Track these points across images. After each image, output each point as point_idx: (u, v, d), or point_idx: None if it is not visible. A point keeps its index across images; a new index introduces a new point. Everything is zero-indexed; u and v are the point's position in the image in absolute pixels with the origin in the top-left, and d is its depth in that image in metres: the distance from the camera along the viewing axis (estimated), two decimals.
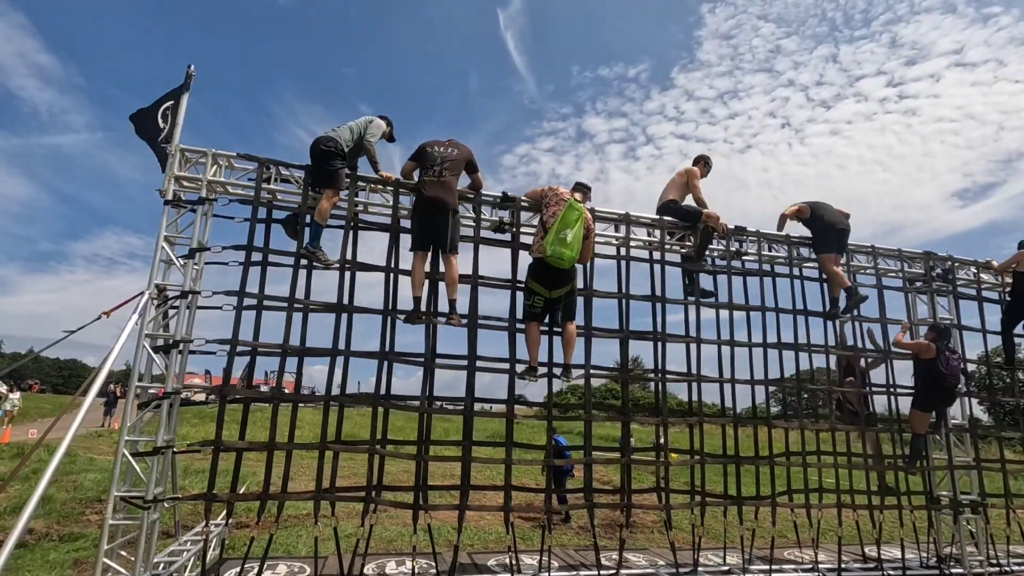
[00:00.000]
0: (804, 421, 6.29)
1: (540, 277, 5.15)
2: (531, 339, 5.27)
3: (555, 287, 5.14)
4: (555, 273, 5.07)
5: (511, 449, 5.26)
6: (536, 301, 5.21)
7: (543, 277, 5.13)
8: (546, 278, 5.12)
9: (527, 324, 5.31)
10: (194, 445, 4.71)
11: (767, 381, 6.14)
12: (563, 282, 5.14)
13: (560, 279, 5.11)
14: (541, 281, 5.15)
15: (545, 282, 5.13)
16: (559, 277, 5.10)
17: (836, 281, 6.41)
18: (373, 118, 5.33)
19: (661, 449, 5.92)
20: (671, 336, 6.03)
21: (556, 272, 5.06)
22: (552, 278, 5.10)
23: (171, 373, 4.58)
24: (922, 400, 6.33)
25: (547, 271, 5.08)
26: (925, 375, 6.27)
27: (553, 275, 5.08)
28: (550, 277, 5.10)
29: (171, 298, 4.79)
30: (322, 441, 4.77)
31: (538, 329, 5.32)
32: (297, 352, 4.96)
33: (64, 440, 3.92)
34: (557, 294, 5.18)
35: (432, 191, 4.99)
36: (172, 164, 4.92)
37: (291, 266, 5.01)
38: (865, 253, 6.94)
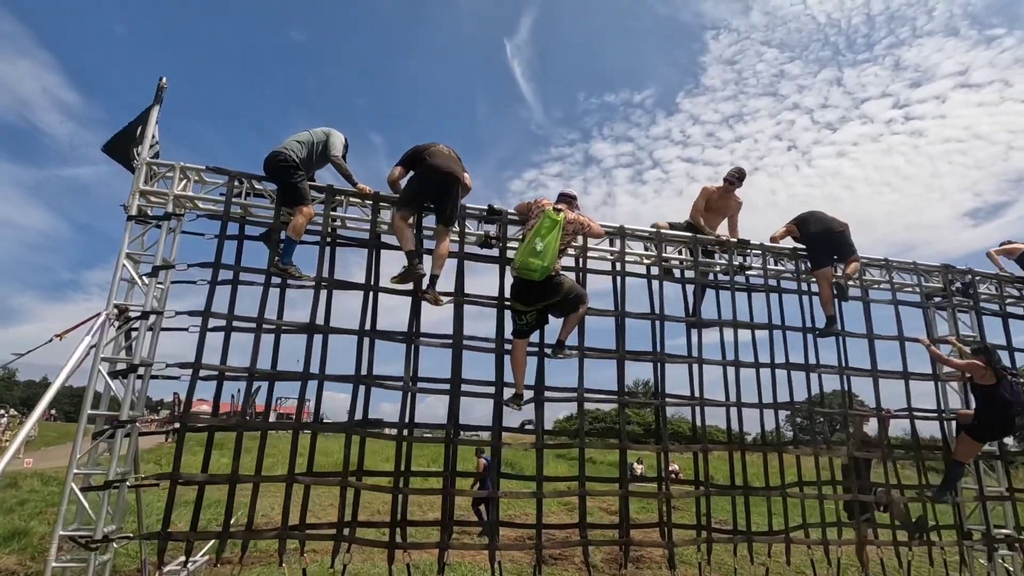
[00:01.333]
0: (819, 447, 5.81)
1: (517, 294, 4.84)
2: (516, 360, 4.91)
3: (535, 301, 4.78)
4: (529, 287, 4.69)
5: (497, 481, 4.85)
6: (528, 319, 4.88)
7: (519, 293, 4.81)
8: (523, 294, 4.78)
9: (514, 343, 4.96)
10: (148, 478, 4.35)
11: (776, 404, 5.70)
12: (545, 295, 4.74)
13: (538, 293, 4.71)
14: (519, 298, 4.83)
15: (523, 298, 4.80)
16: (535, 291, 4.70)
17: (823, 300, 6.01)
18: (330, 131, 5.06)
19: (663, 479, 5.45)
20: (672, 356, 5.64)
21: (529, 285, 4.67)
22: (529, 292, 4.73)
23: (127, 399, 4.25)
24: (979, 428, 5.63)
25: (520, 286, 4.76)
26: (988, 403, 5.55)
27: (529, 289, 4.71)
28: (527, 292, 4.74)
29: (132, 319, 4.49)
30: (289, 473, 4.40)
31: (524, 350, 4.95)
32: (266, 376, 4.63)
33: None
34: (543, 304, 4.84)
35: (441, 160, 4.81)
36: (138, 178, 4.68)
37: (262, 284, 4.71)
38: (879, 267, 6.54)
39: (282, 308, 4.82)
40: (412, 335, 4.89)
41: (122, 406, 4.23)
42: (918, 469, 6.03)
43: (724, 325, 5.76)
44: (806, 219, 6.23)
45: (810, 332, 5.97)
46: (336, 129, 5.09)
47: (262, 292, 4.67)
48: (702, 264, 5.90)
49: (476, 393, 5.04)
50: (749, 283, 6.10)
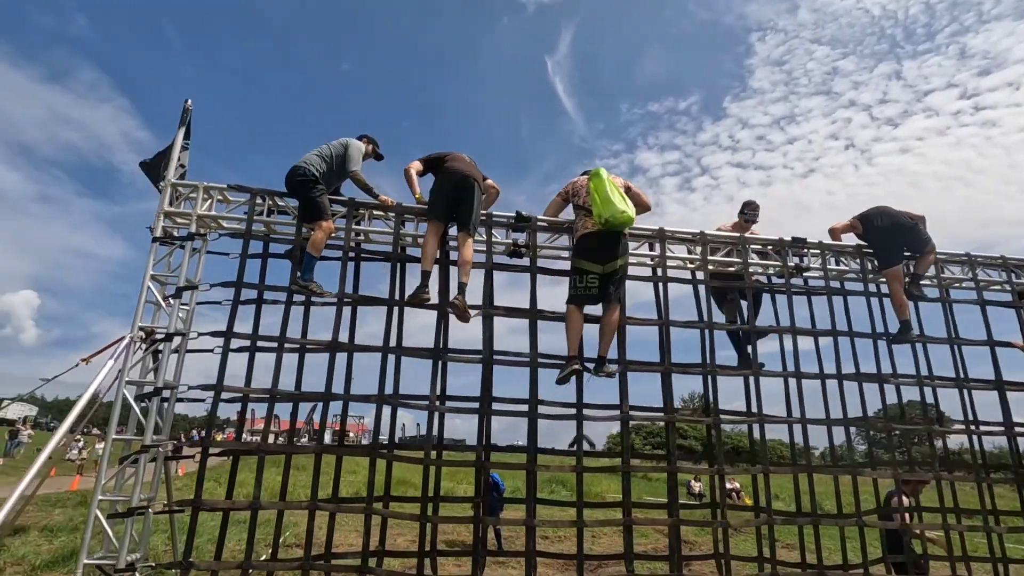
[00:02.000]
0: (898, 469, 5.12)
1: (591, 252, 4.58)
2: (572, 325, 4.64)
3: (609, 259, 4.54)
4: (606, 240, 4.53)
5: (534, 508, 4.48)
6: (590, 281, 4.59)
7: (595, 250, 4.56)
8: (599, 251, 4.55)
9: (571, 308, 4.68)
10: (170, 505, 4.23)
11: (847, 420, 5.07)
12: (619, 252, 4.56)
13: (611, 249, 4.54)
14: (593, 256, 4.57)
15: (598, 255, 4.55)
16: (610, 246, 4.54)
17: (895, 303, 5.37)
18: (348, 141, 4.92)
19: (719, 505, 4.91)
20: (724, 368, 5.14)
21: (611, 238, 4.53)
22: (607, 248, 4.54)
23: (151, 423, 4.16)
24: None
25: (601, 241, 4.54)
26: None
27: (608, 243, 4.54)
28: (605, 247, 4.54)
29: (156, 341, 4.44)
30: (312, 499, 4.18)
31: (580, 316, 4.69)
32: (289, 397, 4.46)
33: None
34: (611, 268, 4.56)
35: (459, 164, 4.75)
36: (163, 199, 4.67)
37: (284, 302, 4.58)
38: (960, 263, 5.81)
39: (306, 326, 4.67)
40: (439, 351, 4.63)
41: (145, 430, 4.15)
42: (1020, 494, 5.22)
43: (782, 332, 5.21)
44: (871, 215, 5.62)
45: (881, 338, 5.32)
46: (354, 139, 4.96)
47: (284, 310, 4.54)
48: (753, 267, 5.39)
49: (509, 412, 4.72)
50: (808, 286, 5.53)
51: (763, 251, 5.53)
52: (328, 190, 4.86)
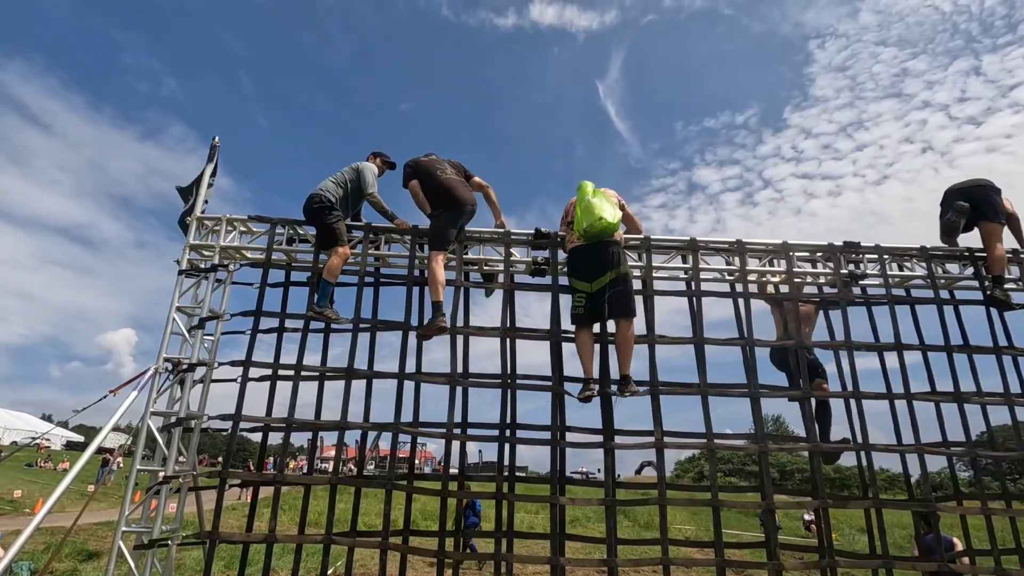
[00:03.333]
0: (988, 503, 4.38)
1: (577, 268, 4.44)
2: (582, 347, 4.40)
3: (596, 275, 4.31)
4: (594, 254, 4.31)
5: (561, 543, 4.15)
6: (578, 300, 4.41)
7: (581, 267, 4.41)
8: (584, 267, 4.37)
9: (576, 331, 4.46)
10: (189, 537, 4.22)
11: (920, 447, 4.44)
12: (605, 266, 4.29)
13: (601, 262, 4.29)
14: (579, 272, 4.42)
15: (584, 272, 4.38)
16: (599, 259, 4.30)
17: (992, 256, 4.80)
18: (359, 166, 4.91)
19: (772, 544, 4.37)
20: (769, 388, 4.66)
21: (595, 251, 4.30)
22: (592, 263, 4.32)
23: (172, 454, 4.20)
24: None
25: (584, 256, 4.37)
26: None
27: (592, 258, 4.32)
28: (589, 262, 4.34)
29: (181, 371, 4.51)
30: (327, 533, 4.05)
31: (589, 336, 4.44)
32: (307, 426, 4.40)
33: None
34: (600, 284, 4.32)
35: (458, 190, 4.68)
36: (189, 233, 4.81)
37: (302, 330, 4.57)
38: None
39: (325, 353, 4.64)
40: (455, 376, 4.45)
41: (168, 461, 4.19)
42: None
43: (838, 348, 4.67)
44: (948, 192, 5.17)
45: (957, 351, 4.67)
46: (364, 161, 4.98)
47: (301, 338, 4.52)
48: (797, 276, 4.91)
49: (533, 440, 4.45)
50: (867, 295, 4.96)
51: (812, 259, 5.04)
52: (346, 216, 4.87)
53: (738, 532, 14.93)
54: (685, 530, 13.99)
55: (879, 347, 4.70)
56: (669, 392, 4.50)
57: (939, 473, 11.23)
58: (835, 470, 30.22)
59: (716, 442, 4.44)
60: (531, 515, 14.40)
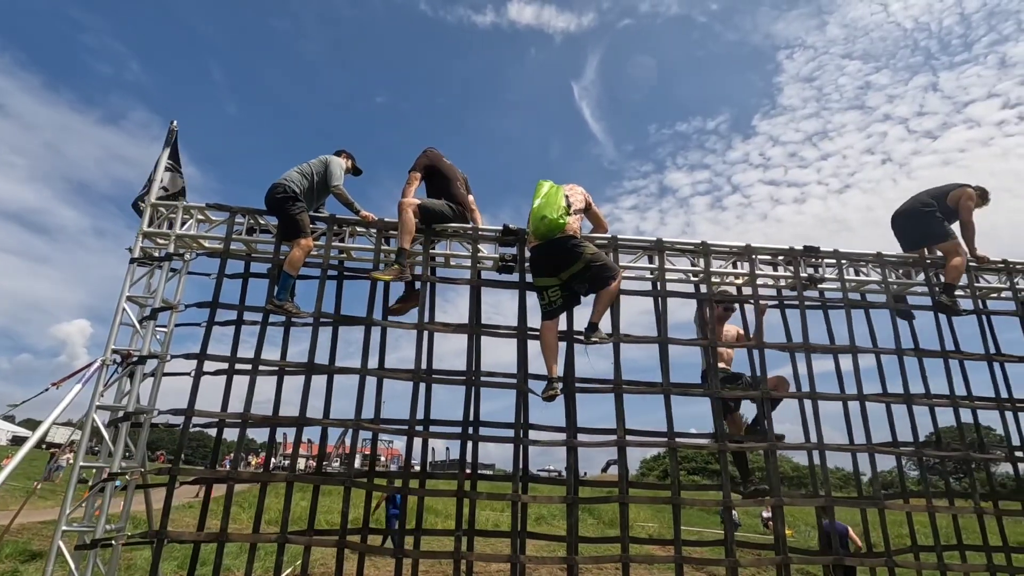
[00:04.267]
0: (932, 501, 4.55)
1: (541, 266, 4.42)
2: (547, 344, 4.39)
3: (561, 268, 4.33)
4: (547, 251, 4.32)
5: (522, 541, 4.14)
6: (552, 295, 4.41)
7: (544, 264, 4.39)
8: (548, 263, 4.36)
9: (543, 324, 4.46)
10: (135, 537, 4.04)
11: (871, 446, 4.58)
12: (566, 261, 4.31)
13: (557, 259, 4.33)
14: (544, 270, 4.40)
15: (549, 268, 4.37)
16: (554, 256, 4.32)
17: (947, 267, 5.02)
18: (328, 158, 4.81)
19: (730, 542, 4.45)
20: (732, 389, 4.75)
21: (548, 249, 4.31)
22: (548, 259, 4.34)
23: (119, 450, 4.02)
24: None
25: (543, 254, 4.36)
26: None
27: (547, 254, 4.34)
28: (552, 258, 4.34)
29: (130, 364, 4.32)
30: (282, 531, 3.94)
31: (554, 332, 4.45)
32: (264, 422, 4.27)
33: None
34: (570, 272, 4.34)
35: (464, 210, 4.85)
36: (143, 220, 4.61)
37: (260, 323, 4.43)
38: (997, 271, 5.27)
39: (285, 347, 4.51)
40: (419, 373, 4.38)
41: (113, 457, 4.00)
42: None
43: (794, 349, 4.78)
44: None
45: (907, 354, 4.84)
46: (333, 155, 4.85)
47: (259, 331, 4.38)
48: (763, 279, 5.01)
49: (496, 438, 4.43)
50: (824, 298, 5.09)
51: (773, 262, 5.15)
52: (310, 208, 4.75)
53: (700, 529, 15.23)
54: (648, 527, 14.19)
55: (834, 349, 4.83)
56: (632, 391, 4.53)
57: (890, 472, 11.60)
58: (793, 468, 31.15)
59: (678, 441, 4.50)
60: (497, 513, 14.41)
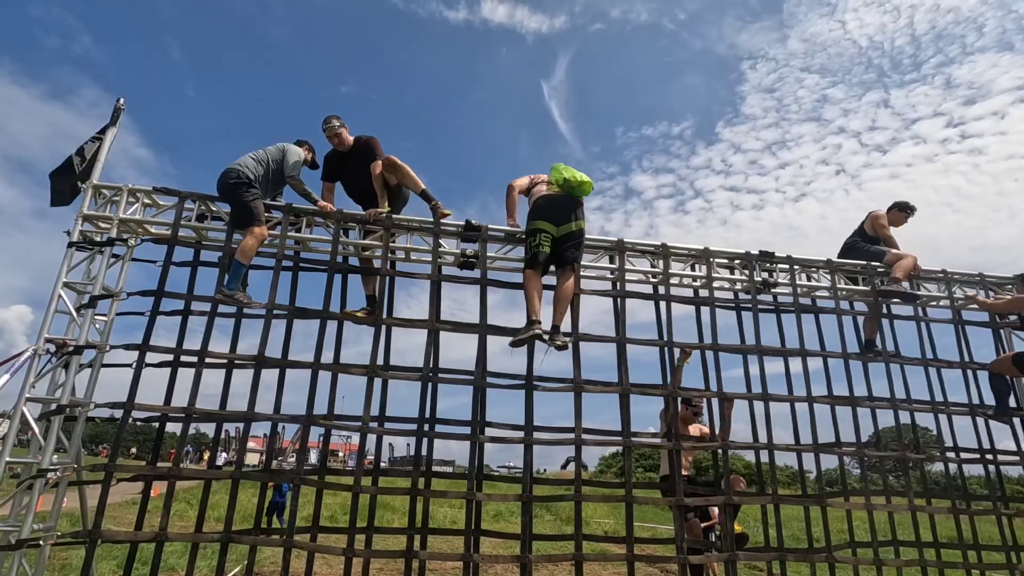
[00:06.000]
0: (870, 499, 4.74)
1: (545, 211, 4.49)
2: (531, 288, 4.40)
3: (564, 220, 4.46)
4: (566, 202, 4.49)
5: (476, 539, 4.11)
6: (543, 239, 4.42)
7: (550, 211, 4.48)
8: (554, 211, 4.47)
9: (528, 272, 4.46)
10: (66, 536, 3.83)
11: (817, 446, 4.74)
12: (572, 216, 4.49)
13: (569, 210, 4.49)
14: (547, 215, 4.47)
15: (553, 215, 4.46)
16: (569, 208, 4.49)
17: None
18: (285, 146, 4.66)
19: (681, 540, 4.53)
20: (687, 390, 4.86)
21: (567, 201, 4.49)
22: (562, 209, 4.48)
23: (50, 445, 3.80)
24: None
25: (556, 201, 4.49)
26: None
27: (563, 205, 4.48)
28: (560, 209, 4.47)
29: (65, 354, 4.08)
30: (226, 530, 3.80)
31: (539, 279, 4.47)
32: (210, 416, 4.11)
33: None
34: (565, 231, 4.46)
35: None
36: (83, 202, 4.36)
37: (208, 313, 4.26)
38: (936, 280, 5.53)
39: (236, 339, 4.35)
40: (373, 367, 4.29)
41: (44, 452, 3.77)
42: (1000, 524, 4.87)
43: (747, 352, 4.90)
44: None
45: (853, 358, 5.04)
46: (292, 144, 4.70)
47: (207, 321, 4.21)
48: (719, 282, 5.11)
49: (450, 435, 4.39)
50: (777, 302, 5.24)
51: (730, 266, 5.27)
52: (266, 196, 4.58)
53: (654, 526, 15.52)
54: (605, 524, 14.37)
55: (785, 352, 4.98)
56: (590, 390, 4.55)
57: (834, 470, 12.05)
58: (745, 467, 32.06)
59: (633, 440, 4.55)
60: (456, 510, 14.34)
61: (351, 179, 4.90)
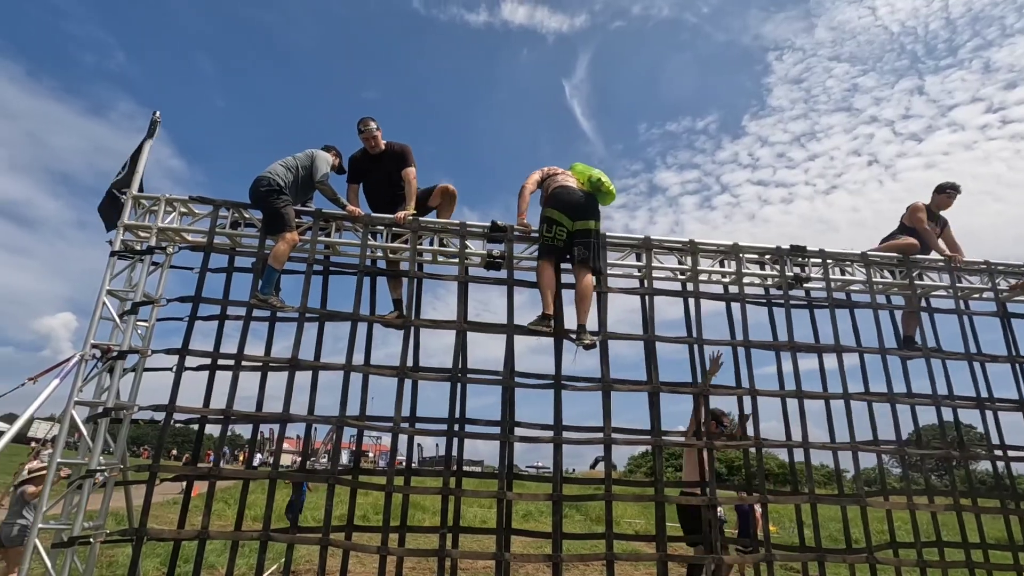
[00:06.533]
0: (913, 499, 4.60)
1: (563, 203, 4.47)
2: (545, 280, 4.44)
3: (581, 216, 4.46)
4: (586, 199, 4.50)
5: (507, 538, 4.13)
6: (558, 232, 4.45)
7: (568, 203, 4.47)
8: (571, 205, 4.46)
9: (541, 263, 4.49)
10: (114, 535, 3.97)
11: (855, 444, 4.62)
12: (591, 213, 4.50)
13: (589, 208, 4.50)
14: (564, 207, 4.46)
15: (570, 209, 4.45)
16: (588, 205, 4.50)
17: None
18: (314, 153, 4.74)
19: (712, 539, 4.47)
20: (716, 388, 4.78)
21: (587, 198, 4.50)
22: (580, 205, 4.47)
23: (98, 447, 3.95)
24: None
25: (576, 197, 4.48)
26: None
27: (583, 201, 4.48)
28: (579, 204, 4.47)
29: (110, 359, 4.24)
30: (264, 528, 3.90)
31: (553, 269, 4.49)
32: (248, 418, 4.22)
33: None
34: (581, 227, 4.46)
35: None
36: (124, 212, 4.53)
37: (244, 318, 4.37)
38: (979, 272, 5.33)
39: (270, 342, 4.47)
40: (403, 369, 4.34)
41: (92, 453, 3.93)
42: None
43: (780, 348, 4.80)
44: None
45: (891, 354, 4.90)
46: (320, 149, 4.79)
47: (243, 325, 4.32)
48: (749, 278, 5.03)
49: (480, 435, 4.42)
50: (810, 297, 5.13)
51: (760, 261, 5.17)
52: (296, 202, 4.69)
53: None
54: (636, 524, 14.25)
55: (819, 348, 4.87)
56: (620, 388, 4.52)
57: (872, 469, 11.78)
58: (779, 466, 31.44)
59: (663, 439, 4.51)
60: (484, 509, 14.40)
61: (376, 181, 4.95)
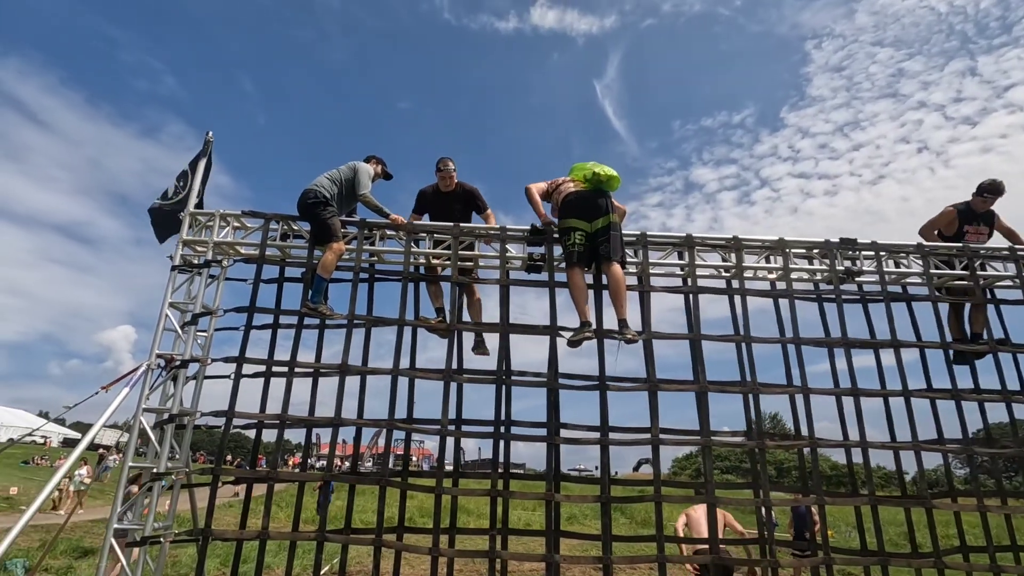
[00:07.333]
0: (983, 500, 4.37)
1: (575, 208, 4.56)
2: (576, 288, 4.49)
3: (595, 215, 4.51)
4: (593, 197, 4.55)
5: (556, 540, 4.13)
6: (578, 238, 4.50)
7: (580, 207, 4.55)
8: (583, 207, 4.54)
9: (570, 272, 4.52)
10: (181, 535, 4.18)
11: (917, 444, 4.42)
12: (603, 209, 4.54)
13: (599, 205, 4.55)
14: (577, 212, 4.54)
15: (583, 212, 4.53)
16: (597, 203, 4.55)
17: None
18: (356, 165, 4.88)
19: (767, 540, 4.35)
20: (767, 387, 4.65)
21: (594, 196, 4.55)
22: (591, 205, 4.54)
23: (165, 450, 4.17)
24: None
25: (584, 198, 4.56)
26: None
27: (592, 200, 4.55)
28: (590, 204, 4.54)
29: (173, 368, 4.47)
30: (320, 530, 4.03)
31: (583, 276, 4.54)
32: (301, 422, 4.37)
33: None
34: (598, 225, 4.50)
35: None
36: (183, 229, 4.78)
37: (296, 326, 4.54)
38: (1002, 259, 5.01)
39: (320, 349, 4.62)
40: (448, 372, 4.41)
41: (160, 457, 4.15)
42: None
43: (833, 344, 4.65)
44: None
45: (955, 347, 4.67)
46: (362, 161, 4.94)
47: (295, 334, 4.49)
48: (797, 272, 4.89)
49: (527, 437, 4.45)
50: (863, 292, 4.95)
51: (808, 256, 5.03)
52: (341, 212, 4.84)
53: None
54: None
55: (875, 344, 4.68)
56: (666, 388, 4.47)
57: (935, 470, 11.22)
58: (831, 467, 30.27)
59: (712, 439, 4.42)
60: (528, 512, 14.42)
61: (441, 216, 5.02)
